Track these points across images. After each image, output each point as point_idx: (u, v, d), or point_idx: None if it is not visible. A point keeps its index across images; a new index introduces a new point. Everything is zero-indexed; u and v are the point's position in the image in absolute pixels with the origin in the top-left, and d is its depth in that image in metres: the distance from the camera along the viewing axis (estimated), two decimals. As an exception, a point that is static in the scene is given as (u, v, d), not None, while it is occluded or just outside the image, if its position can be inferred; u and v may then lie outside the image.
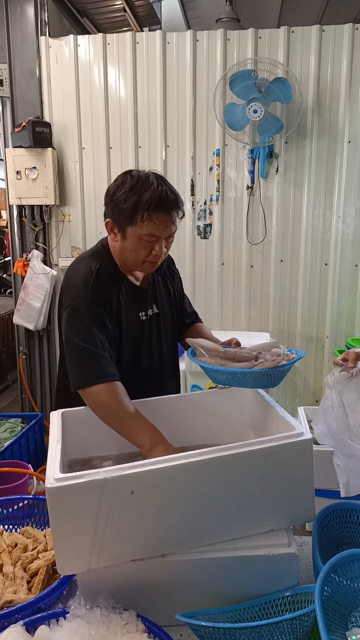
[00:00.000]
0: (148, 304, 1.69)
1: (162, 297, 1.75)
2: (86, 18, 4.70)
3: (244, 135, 3.66)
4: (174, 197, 1.49)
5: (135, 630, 1.08)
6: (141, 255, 1.53)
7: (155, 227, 1.48)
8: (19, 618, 1.12)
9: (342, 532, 1.42)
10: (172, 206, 1.49)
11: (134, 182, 1.48)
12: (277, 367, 1.43)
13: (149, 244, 1.51)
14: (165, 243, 1.55)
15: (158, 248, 1.52)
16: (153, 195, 1.45)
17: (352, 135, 3.71)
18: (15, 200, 3.93)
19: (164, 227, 1.49)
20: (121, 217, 1.50)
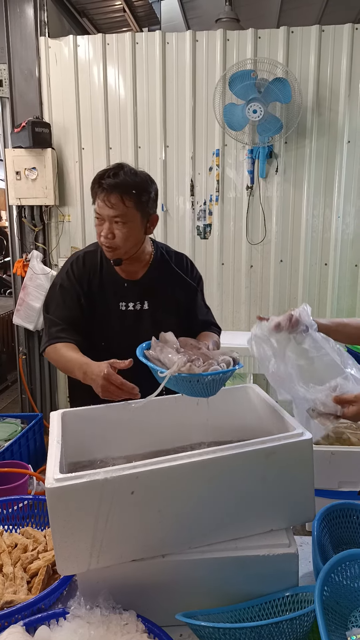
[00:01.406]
0: (134, 297, 1.77)
1: (157, 297, 1.80)
2: (86, 18, 4.70)
3: (244, 135, 3.66)
4: (117, 180, 1.59)
5: (135, 631, 1.08)
6: (97, 235, 1.67)
7: (100, 207, 1.61)
8: (19, 618, 1.12)
9: (342, 532, 1.42)
10: (113, 187, 1.58)
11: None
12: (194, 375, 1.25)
13: (99, 225, 1.64)
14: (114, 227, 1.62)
15: (104, 231, 1.63)
16: (98, 174, 1.61)
17: (352, 135, 3.71)
18: (15, 201, 3.93)
19: (104, 205, 1.60)
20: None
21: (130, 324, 1.77)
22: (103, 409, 1.49)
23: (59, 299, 1.75)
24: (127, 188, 1.61)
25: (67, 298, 1.74)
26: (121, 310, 1.77)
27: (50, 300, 1.78)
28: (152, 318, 1.79)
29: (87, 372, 1.50)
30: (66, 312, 1.73)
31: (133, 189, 1.62)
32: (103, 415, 1.49)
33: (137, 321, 1.78)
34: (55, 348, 1.67)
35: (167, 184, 3.92)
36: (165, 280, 1.83)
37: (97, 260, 1.78)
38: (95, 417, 1.49)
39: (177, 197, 3.94)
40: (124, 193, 1.61)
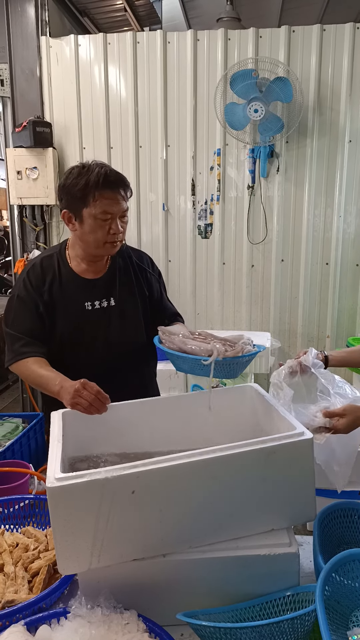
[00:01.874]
0: (99, 294, 1.76)
1: (123, 292, 1.80)
2: (87, 18, 4.70)
3: (245, 134, 3.66)
4: (119, 176, 1.63)
5: (136, 630, 1.08)
6: (100, 236, 1.64)
7: (106, 204, 1.60)
8: (20, 618, 1.12)
9: (343, 531, 1.42)
10: (118, 183, 1.62)
11: (80, 169, 1.62)
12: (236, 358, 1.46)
13: (105, 223, 1.62)
14: (121, 222, 1.65)
15: (115, 226, 1.63)
16: (99, 174, 1.59)
17: (353, 135, 3.70)
18: (16, 200, 3.93)
19: (114, 203, 1.61)
20: (75, 202, 1.61)
21: (98, 322, 1.76)
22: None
23: (18, 311, 1.72)
24: (126, 181, 1.66)
25: (26, 309, 1.70)
26: (87, 309, 1.75)
27: (9, 313, 1.74)
28: (120, 313, 1.78)
29: (64, 386, 1.48)
30: (27, 325, 1.69)
31: (127, 182, 1.68)
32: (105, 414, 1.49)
33: (105, 318, 1.77)
34: (23, 364, 1.65)
35: (168, 183, 3.92)
36: (129, 276, 1.83)
37: (54, 264, 1.75)
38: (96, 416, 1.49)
39: (178, 196, 3.94)
40: (126, 187, 1.65)
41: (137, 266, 1.86)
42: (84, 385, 1.42)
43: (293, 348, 4.07)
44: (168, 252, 4.00)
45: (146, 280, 1.87)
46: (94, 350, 1.76)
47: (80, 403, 1.41)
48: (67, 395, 1.44)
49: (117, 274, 1.80)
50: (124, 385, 1.69)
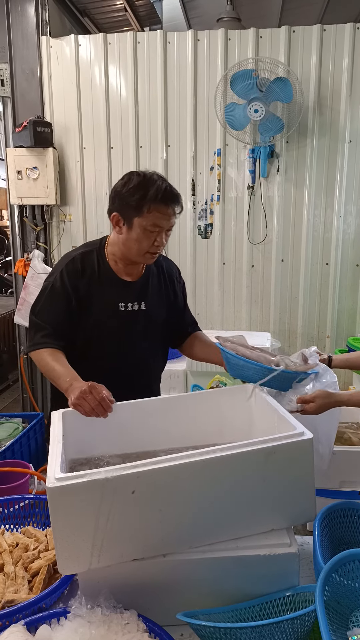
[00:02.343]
0: (132, 297, 1.80)
1: (154, 297, 1.85)
2: (87, 18, 4.70)
3: (245, 134, 3.66)
4: (176, 193, 1.68)
5: (136, 630, 1.08)
6: (144, 246, 1.68)
7: (159, 218, 1.65)
8: (20, 618, 1.12)
9: (343, 531, 1.42)
10: (174, 200, 1.66)
11: (141, 179, 1.65)
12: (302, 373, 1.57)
13: (152, 234, 1.67)
14: (165, 236, 1.70)
15: (160, 239, 1.68)
16: (158, 189, 1.63)
17: (354, 135, 3.70)
18: (16, 200, 3.93)
19: (165, 218, 1.66)
20: (128, 209, 1.65)
21: (126, 324, 1.79)
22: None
23: (47, 302, 1.74)
24: (180, 199, 1.71)
25: (56, 301, 1.73)
26: (120, 310, 1.78)
27: (39, 301, 1.77)
28: (148, 318, 1.83)
29: (73, 385, 1.50)
30: (53, 316, 1.72)
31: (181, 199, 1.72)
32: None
33: (134, 321, 1.80)
34: (40, 354, 1.68)
35: (169, 183, 3.91)
36: (159, 283, 1.89)
37: (94, 261, 1.78)
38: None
39: (179, 196, 3.93)
40: (180, 204, 1.70)
41: (167, 275, 1.92)
42: (91, 389, 1.44)
43: (293, 348, 4.07)
44: (168, 252, 4.00)
45: (173, 289, 1.93)
46: (117, 349, 1.80)
47: (82, 405, 1.43)
48: (73, 395, 1.45)
49: (149, 280, 1.86)
50: (133, 385, 1.76)
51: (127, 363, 1.81)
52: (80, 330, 1.75)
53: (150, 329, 1.84)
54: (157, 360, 1.95)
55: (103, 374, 1.61)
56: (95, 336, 1.77)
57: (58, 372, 1.59)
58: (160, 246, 1.70)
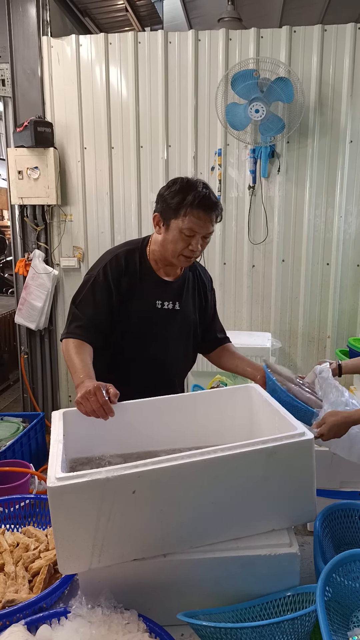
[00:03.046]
0: (169, 296, 1.85)
1: (188, 299, 1.90)
2: (88, 18, 4.70)
3: (246, 134, 3.66)
4: (214, 201, 1.71)
5: (137, 630, 1.08)
6: (179, 247, 1.72)
7: (195, 223, 1.68)
8: (21, 617, 1.12)
9: (343, 532, 1.42)
10: (212, 207, 1.70)
11: (184, 184, 1.71)
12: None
13: (188, 238, 1.70)
14: (202, 242, 1.73)
15: (194, 243, 1.71)
16: (197, 195, 1.67)
17: (354, 135, 3.70)
18: (17, 200, 3.93)
19: (202, 224, 1.69)
20: (168, 210, 1.71)
21: (163, 322, 1.85)
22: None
23: (89, 294, 1.78)
24: (221, 207, 1.74)
25: (98, 295, 1.77)
26: (157, 308, 1.83)
27: (80, 292, 1.81)
28: (182, 318, 1.88)
29: (83, 382, 1.52)
30: (90, 309, 1.76)
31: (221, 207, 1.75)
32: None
33: (169, 320, 1.85)
34: (67, 343, 1.72)
35: (169, 183, 3.91)
36: (194, 286, 1.94)
37: (136, 259, 1.83)
38: (96, 416, 1.49)
39: (179, 196, 3.93)
40: (219, 212, 1.73)
41: (201, 281, 1.97)
42: (95, 391, 1.45)
43: (294, 348, 4.07)
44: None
45: (205, 295, 1.98)
46: (150, 344, 1.84)
47: (84, 405, 1.45)
48: (79, 393, 1.48)
49: (186, 282, 1.90)
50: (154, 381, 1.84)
51: (155, 359, 1.85)
52: (118, 324, 1.80)
53: (183, 329, 1.90)
54: (184, 361, 1.99)
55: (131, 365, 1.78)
56: (131, 330, 1.81)
57: (75, 366, 1.62)
58: (196, 251, 1.73)
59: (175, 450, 1.49)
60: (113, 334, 1.80)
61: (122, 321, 1.80)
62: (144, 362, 1.84)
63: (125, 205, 3.99)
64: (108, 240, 4.01)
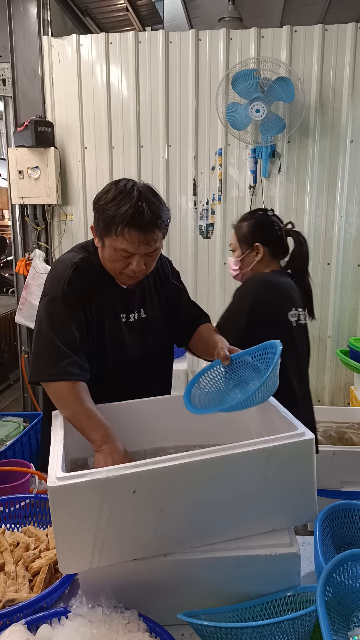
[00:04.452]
0: (133, 307, 1.63)
1: (153, 302, 1.68)
2: (89, 17, 4.70)
3: (247, 134, 3.66)
4: (150, 217, 1.40)
5: (137, 630, 1.08)
6: (117, 267, 1.49)
7: (128, 244, 1.42)
8: (21, 617, 1.12)
9: (344, 532, 1.41)
10: (147, 226, 1.41)
11: (116, 193, 1.42)
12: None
13: (124, 258, 1.46)
14: (145, 259, 1.48)
15: (135, 264, 1.46)
16: (128, 211, 1.38)
17: (355, 135, 3.70)
18: (18, 200, 3.93)
19: (137, 245, 1.43)
20: (100, 225, 1.46)
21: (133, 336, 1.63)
22: (105, 407, 1.49)
23: (65, 317, 1.47)
24: (162, 220, 1.45)
25: (73, 315, 1.48)
26: (123, 322, 1.60)
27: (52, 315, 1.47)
28: (151, 327, 1.67)
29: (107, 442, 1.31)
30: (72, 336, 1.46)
31: (167, 218, 1.47)
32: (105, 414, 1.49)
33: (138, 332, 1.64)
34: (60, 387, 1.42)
35: (170, 183, 3.92)
36: (154, 284, 1.69)
37: (94, 268, 1.55)
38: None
39: (180, 196, 3.94)
40: (160, 227, 1.45)
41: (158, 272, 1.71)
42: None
43: (294, 348, 4.07)
44: (169, 251, 4.00)
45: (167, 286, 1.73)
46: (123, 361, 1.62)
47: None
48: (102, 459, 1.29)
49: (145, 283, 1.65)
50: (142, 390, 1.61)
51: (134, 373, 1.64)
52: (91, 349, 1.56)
53: (155, 337, 1.68)
54: (166, 361, 1.80)
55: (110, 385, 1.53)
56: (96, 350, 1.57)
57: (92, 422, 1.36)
58: (138, 272, 1.48)
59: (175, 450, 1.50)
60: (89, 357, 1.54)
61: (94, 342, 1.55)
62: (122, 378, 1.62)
63: (126, 205, 3.99)
64: (108, 240, 4.01)
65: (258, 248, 2.06)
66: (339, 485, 2.33)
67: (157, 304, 1.70)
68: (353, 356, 3.36)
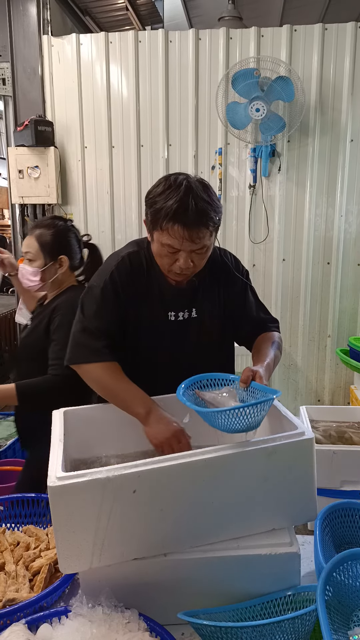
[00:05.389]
0: (182, 305, 1.57)
1: (206, 302, 1.60)
2: (88, 17, 4.70)
3: (247, 134, 3.66)
4: (195, 213, 1.35)
5: (137, 629, 1.08)
6: (165, 263, 1.45)
7: (173, 240, 1.38)
8: (21, 616, 1.12)
9: (344, 531, 1.41)
10: (192, 222, 1.35)
11: (166, 187, 1.38)
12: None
13: (171, 254, 1.42)
14: (193, 257, 1.42)
15: (182, 261, 1.41)
16: (173, 205, 1.34)
17: (355, 134, 3.70)
18: (18, 199, 3.93)
19: (181, 241, 1.37)
20: (149, 219, 1.43)
21: (178, 335, 1.57)
22: (105, 407, 1.49)
23: (99, 304, 1.49)
24: (211, 217, 1.38)
25: (109, 305, 1.50)
26: (170, 320, 1.55)
27: (88, 304, 1.51)
28: (201, 327, 1.59)
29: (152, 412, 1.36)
30: (104, 323, 1.49)
31: (217, 215, 1.40)
32: (105, 414, 1.49)
33: (185, 331, 1.58)
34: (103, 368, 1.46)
35: (170, 182, 3.91)
36: (213, 282, 1.61)
37: (142, 263, 1.53)
38: (97, 415, 1.49)
39: (180, 195, 3.93)
40: (209, 224, 1.38)
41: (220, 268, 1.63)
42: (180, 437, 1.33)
43: (294, 347, 4.07)
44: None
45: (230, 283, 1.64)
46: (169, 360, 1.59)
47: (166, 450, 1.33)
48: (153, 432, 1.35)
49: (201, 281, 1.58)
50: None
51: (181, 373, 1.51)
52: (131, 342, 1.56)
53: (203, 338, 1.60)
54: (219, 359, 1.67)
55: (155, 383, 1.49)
56: (143, 347, 1.56)
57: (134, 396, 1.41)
58: (185, 269, 1.43)
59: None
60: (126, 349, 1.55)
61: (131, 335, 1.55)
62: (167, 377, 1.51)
63: (126, 204, 3.99)
64: (109, 240, 4.01)
65: (62, 261, 1.93)
66: (338, 485, 2.32)
67: (213, 304, 1.61)
68: (353, 355, 3.36)
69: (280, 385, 4.14)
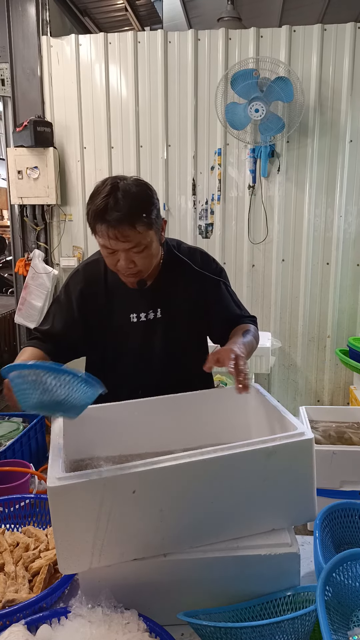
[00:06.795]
0: (145, 306, 1.61)
1: (172, 302, 1.62)
2: (87, 17, 4.70)
3: (246, 134, 3.66)
4: (116, 211, 1.36)
5: (137, 630, 1.08)
6: (110, 264, 1.50)
7: (103, 240, 1.41)
8: (21, 617, 1.12)
9: (343, 531, 1.41)
10: (114, 220, 1.36)
11: (94, 190, 1.42)
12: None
13: (111, 255, 1.45)
14: (133, 255, 1.44)
15: (122, 261, 1.44)
16: (99, 205, 1.37)
17: (354, 134, 3.70)
18: (17, 200, 3.94)
19: (109, 240, 1.40)
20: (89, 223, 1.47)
21: (145, 336, 1.61)
22: (105, 408, 1.49)
23: (52, 313, 1.67)
24: (136, 215, 1.39)
25: (58, 315, 1.64)
26: (133, 322, 1.60)
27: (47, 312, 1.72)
28: (167, 327, 1.62)
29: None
30: (48, 328, 1.64)
31: (142, 212, 1.40)
32: (105, 415, 1.49)
33: (151, 332, 1.62)
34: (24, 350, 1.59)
35: (169, 183, 3.92)
36: (180, 281, 1.62)
37: (100, 271, 1.61)
38: (97, 416, 1.49)
39: (179, 196, 3.94)
40: (134, 222, 1.38)
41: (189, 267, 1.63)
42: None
43: (294, 348, 4.07)
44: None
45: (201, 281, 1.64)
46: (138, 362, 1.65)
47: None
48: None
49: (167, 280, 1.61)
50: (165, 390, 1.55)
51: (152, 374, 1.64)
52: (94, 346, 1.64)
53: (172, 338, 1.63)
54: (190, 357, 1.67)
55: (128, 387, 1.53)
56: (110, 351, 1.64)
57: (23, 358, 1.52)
58: (126, 268, 1.46)
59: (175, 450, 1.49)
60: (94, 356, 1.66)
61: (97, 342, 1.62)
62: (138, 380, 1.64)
63: (125, 205, 3.99)
64: (108, 240, 4.01)
65: None
66: (338, 485, 2.32)
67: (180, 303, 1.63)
68: (352, 356, 3.36)
69: (280, 385, 4.14)
